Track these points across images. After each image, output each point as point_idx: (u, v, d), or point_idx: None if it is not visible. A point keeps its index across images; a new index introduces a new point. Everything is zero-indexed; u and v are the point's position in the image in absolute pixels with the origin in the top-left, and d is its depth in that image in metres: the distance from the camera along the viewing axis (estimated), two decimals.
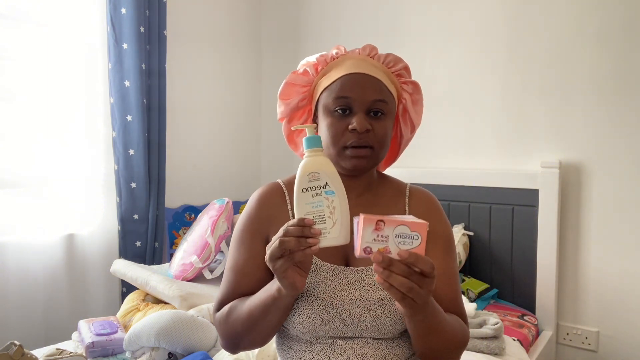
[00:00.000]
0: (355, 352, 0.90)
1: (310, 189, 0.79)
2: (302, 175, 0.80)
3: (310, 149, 0.81)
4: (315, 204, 0.79)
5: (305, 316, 0.90)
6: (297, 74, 1.00)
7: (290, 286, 0.79)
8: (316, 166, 0.80)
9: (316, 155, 0.81)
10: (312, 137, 0.82)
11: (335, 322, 0.90)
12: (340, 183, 0.80)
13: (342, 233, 0.79)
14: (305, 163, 0.81)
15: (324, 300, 0.90)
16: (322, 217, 0.78)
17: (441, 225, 0.99)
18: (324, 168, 0.80)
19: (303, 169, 0.80)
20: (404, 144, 1.06)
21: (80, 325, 1.74)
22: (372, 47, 1.00)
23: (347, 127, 0.91)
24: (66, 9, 2.21)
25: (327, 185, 0.79)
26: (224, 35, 2.97)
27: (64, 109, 2.22)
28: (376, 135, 0.92)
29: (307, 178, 0.79)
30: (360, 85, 0.93)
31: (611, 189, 2.12)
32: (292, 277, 0.78)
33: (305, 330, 0.91)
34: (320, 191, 0.79)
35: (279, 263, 0.76)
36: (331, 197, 0.79)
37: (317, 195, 0.79)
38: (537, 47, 2.25)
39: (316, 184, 0.79)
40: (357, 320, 0.89)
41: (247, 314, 0.89)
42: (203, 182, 2.86)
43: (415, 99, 1.01)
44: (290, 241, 0.75)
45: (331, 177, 0.80)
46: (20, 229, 2.11)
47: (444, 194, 2.35)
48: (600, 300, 2.17)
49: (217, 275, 2.12)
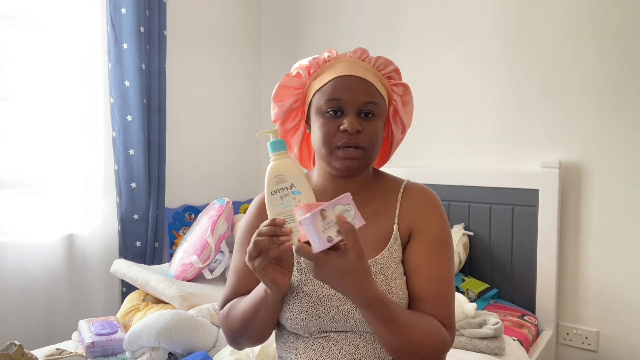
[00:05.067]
0: (348, 342, 0.93)
1: (279, 191, 0.83)
2: (270, 178, 0.84)
3: (275, 153, 0.86)
4: (284, 205, 0.83)
5: (295, 313, 0.93)
6: (290, 77, 1.03)
7: (272, 284, 0.84)
8: (281, 169, 0.84)
9: (281, 158, 0.85)
10: (276, 141, 0.86)
11: (325, 319, 0.92)
12: (306, 182, 0.84)
13: None
14: (272, 167, 0.85)
15: (313, 298, 0.93)
16: (291, 217, 0.82)
17: (432, 222, 0.97)
18: (289, 170, 0.84)
19: (270, 173, 0.84)
20: (396, 145, 1.08)
21: (80, 325, 1.74)
22: (363, 50, 1.02)
23: (339, 128, 0.93)
24: (66, 9, 2.20)
25: (293, 186, 0.83)
26: (224, 35, 2.97)
27: (64, 109, 2.22)
28: (367, 136, 0.94)
29: (274, 181, 0.84)
30: (351, 88, 0.95)
31: (611, 189, 2.12)
32: (272, 274, 0.83)
33: (297, 327, 0.94)
34: (288, 192, 0.83)
35: (257, 262, 0.81)
36: (298, 196, 0.83)
37: (285, 196, 0.83)
38: (537, 47, 2.25)
39: (283, 186, 0.83)
40: (346, 317, 0.92)
41: (242, 312, 0.94)
42: (203, 182, 2.86)
43: (406, 100, 1.03)
44: (263, 240, 0.80)
45: (296, 178, 0.84)
46: (20, 229, 2.11)
47: (444, 194, 2.35)
48: (600, 300, 2.17)
49: (217, 275, 2.12)
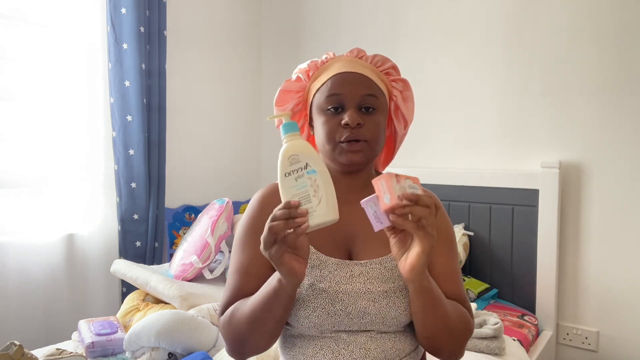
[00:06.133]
0: (358, 346, 0.91)
1: (293, 172, 0.80)
2: (283, 159, 0.81)
3: (287, 134, 0.83)
4: (299, 186, 0.79)
5: (311, 310, 0.91)
6: (290, 81, 1.04)
7: (289, 273, 0.80)
8: (295, 149, 0.81)
9: (294, 139, 0.82)
10: (288, 123, 0.83)
11: (341, 315, 0.91)
12: (321, 161, 0.81)
13: (330, 209, 0.79)
14: (285, 148, 0.82)
15: (329, 294, 0.91)
16: (307, 198, 0.78)
17: (444, 223, 1.02)
18: (303, 150, 0.81)
19: (283, 154, 0.81)
20: (399, 141, 1.09)
21: (80, 325, 1.74)
22: (360, 50, 1.03)
23: (340, 124, 0.94)
24: (66, 9, 2.21)
25: (308, 166, 0.80)
26: (224, 35, 2.97)
27: (64, 109, 2.22)
28: (369, 130, 0.94)
29: (288, 162, 0.80)
30: (350, 82, 0.96)
31: (611, 189, 2.12)
32: (289, 262, 0.79)
33: (310, 325, 0.91)
34: (302, 172, 0.80)
35: (273, 249, 0.77)
36: (313, 175, 0.80)
37: (299, 177, 0.80)
38: (537, 47, 2.25)
39: (297, 167, 0.80)
40: (362, 313, 0.91)
41: (250, 311, 0.88)
42: (203, 182, 2.86)
43: (406, 95, 1.04)
44: (279, 225, 0.76)
45: (311, 157, 0.81)
46: (20, 229, 2.11)
47: (444, 194, 2.35)
48: (600, 300, 2.17)
49: (217, 275, 2.12)
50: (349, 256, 0.97)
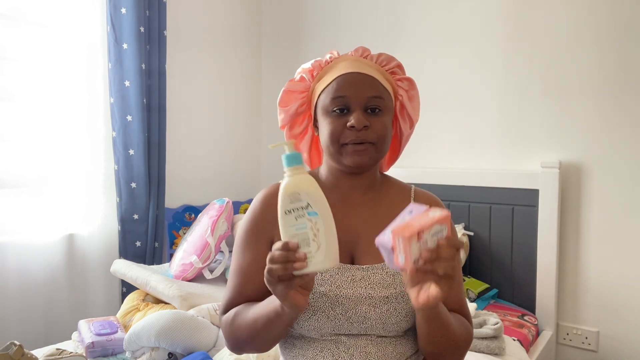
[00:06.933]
0: (359, 349, 0.91)
1: (293, 211, 0.75)
2: (284, 196, 0.76)
3: (290, 167, 0.77)
4: (299, 226, 0.75)
5: (311, 313, 0.90)
6: (294, 82, 1.02)
7: (293, 307, 0.78)
8: (297, 186, 0.76)
9: (297, 174, 0.77)
10: (291, 154, 0.77)
11: (341, 320, 0.90)
12: (324, 202, 0.77)
13: (329, 257, 0.76)
14: (287, 183, 0.77)
15: (330, 298, 0.90)
16: (306, 241, 0.75)
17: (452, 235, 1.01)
18: (306, 188, 0.76)
19: (284, 190, 0.76)
20: (405, 140, 1.07)
21: (80, 325, 1.74)
22: (365, 49, 1.01)
23: (346, 125, 0.92)
24: (66, 9, 2.20)
25: (310, 206, 0.75)
26: (224, 35, 2.97)
27: (64, 109, 2.22)
28: (375, 132, 0.93)
29: (289, 199, 0.76)
30: (356, 84, 0.94)
31: (611, 188, 2.12)
32: (293, 298, 0.77)
33: (310, 328, 0.91)
34: (303, 212, 0.75)
35: (278, 288, 0.76)
36: (314, 218, 0.75)
37: (300, 217, 0.75)
38: (537, 47, 2.25)
39: (298, 205, 0.75)
40: (363, 318, 0.90)
41: (251, 322, 0.89)
42: (203, 182, 2.86)
43: (412, 95, 1.02)
44: (277, 269, 0.74)
45: (313, 197, 0.76)
46: (20, 229, 2.11)
47: (444, 194, 2.35)
48: (600, 300, 2.17)
49: (217, 275, 2.12)
50: (351, 260, 0.96)
